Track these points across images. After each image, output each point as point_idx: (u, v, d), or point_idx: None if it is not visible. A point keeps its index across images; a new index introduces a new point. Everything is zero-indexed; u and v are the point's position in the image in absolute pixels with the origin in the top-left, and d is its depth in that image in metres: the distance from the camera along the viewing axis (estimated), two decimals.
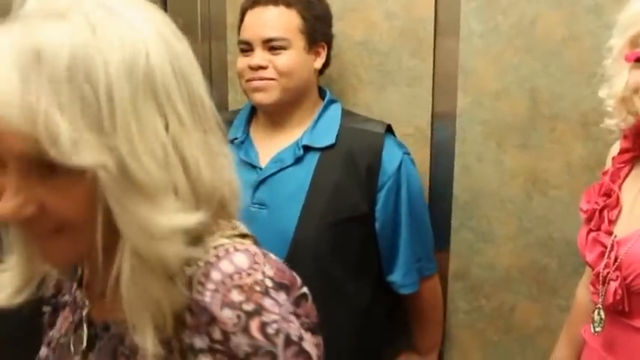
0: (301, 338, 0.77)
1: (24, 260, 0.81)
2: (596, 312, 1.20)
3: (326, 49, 1.65)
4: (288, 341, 0.75)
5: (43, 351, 0.93)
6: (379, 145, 1.59)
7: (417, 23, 1.74)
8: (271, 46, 1.57)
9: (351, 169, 1.57)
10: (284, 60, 1.57)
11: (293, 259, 1.52)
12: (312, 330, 0.81)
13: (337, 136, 1.60)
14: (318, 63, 1.64)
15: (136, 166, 0.67)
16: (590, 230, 1.23)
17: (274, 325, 0.74)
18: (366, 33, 1.79)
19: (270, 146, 1.65)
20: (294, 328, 0.77)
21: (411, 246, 1.63)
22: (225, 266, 0.75)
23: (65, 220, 0.70)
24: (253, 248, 0.79)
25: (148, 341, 0.72)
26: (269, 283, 0.75)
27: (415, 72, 1.75)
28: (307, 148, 1.60)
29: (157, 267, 0.71)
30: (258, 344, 0.73)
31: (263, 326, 0.73)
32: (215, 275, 0.74)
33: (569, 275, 1.62)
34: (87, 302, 0.86)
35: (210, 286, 0.73)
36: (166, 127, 0.70)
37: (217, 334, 0.73)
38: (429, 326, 1.78)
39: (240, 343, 0.73)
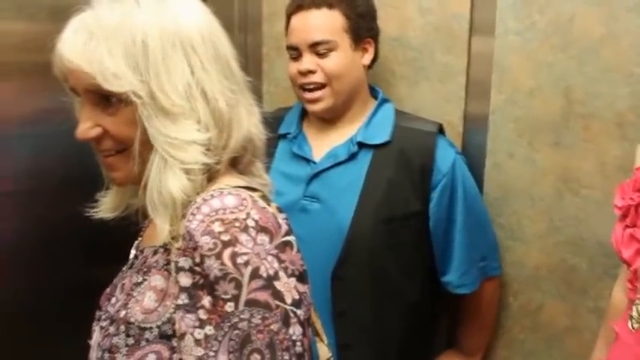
0: (274, 277, 0.88)
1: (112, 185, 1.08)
2: (634, 308, 1.19)
3: (373, 44, 1.67)
4: (255, 274, 0.87)
5: (114, 280, 1.11)
6: (432, 144, 1.60)
7: (452, 19, 1.74)
8: (317, 50, 1.60)
9: (404, 167, 1.59)
10: (331, 62, 1.60)
11: (348, 253, 1.58)
12: (297, 277, 0.92)
13: (391, 134, 1.61)
14: (367, 59, 1.67)
15: (162, 95, 0.92)
16: (627, 227, 1.21)
17: (244, 257, 0.87)
18: (400, 28, 1.80)
19: (324, 142, 1.68)
20: (268, 266, 0.88)
21: (469, 246, 1.63)
22: (215, 203, 0.91)
23: (120, 140, 0.95)
24: (246, 194, 0.94)
25: (164, 228, 0.92)
26: (250, 223, 0.90)
27: (449, 68, 1.76)
28: (361, 145, 1.62)
29: (176, 168, 0.93)
30: (227, 270, 0.86)
31: (234, 255, 0.87)
32: (204, 209, 0.90)
33: (599, 277, 1.61)
34: (141, 233, 1.12)
35: (199, 217, 0.90)
36: (192, 72, 0.94)
37: (197, 258, 0.87)
38: (481, 328, 1.77)
39: (212, 266, 0.86)
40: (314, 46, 1.60)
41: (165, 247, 0.96)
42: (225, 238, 0.87)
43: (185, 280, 0.88)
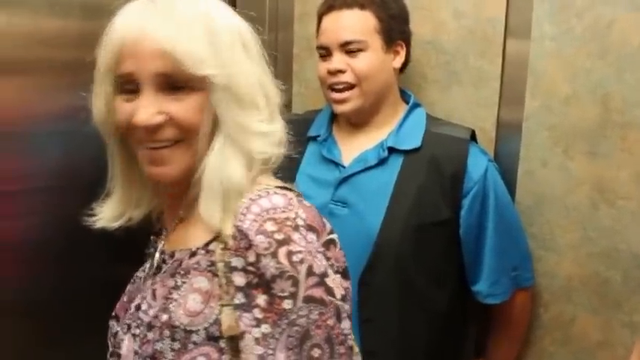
0: (325, 274, 0.91)
1: (124, 190, 1.07)
2: None
3: (405, 47, 1.65)
4: (310, 272, 0.90)
5: (127, 289, 1.12)
6: (464, 151, 1.57)
7: (487, 23, 1.71)
8: (348, 49, 1.58)
9: (435, 174, 1.56)
10: (362, 62, 1.58)
11: (376, 260, 1.56)
12: (341, 273, 0.96)
13: (422, 140, 1.59)
14: (398, 62, 1.64)
15: (236, 83, 0.94)
16: None
17: (299, 255, 0.89)
18: (433, 32, 1.77)
19: (353, 146, 1.66)
20: (319, 263, 0.91)
21: (500, 254, 1.60)
22: (264, 203, 0.93)
23: (186, 127, 0.94)
24: (291, 194, 0.97)
25: (215, 216, 0.92)
26: (300, 222, 0.92)
27: (482, 73, 1.72)
28: (391, 150, 1.60)
29: (242, 158, 0.95)
30: (284, 268, 0.88)
31: (289, 254, 0.88)
32: (254, 209, 0.92)
33: (633, 290, 1.57)
34: (163, 236, 1.10)
35: (250, 216, 0.91)
36: (251, 65, 0.98)
37: (251, 257, 0.89)
38: (511, 339, 1.73)
39: (268, 265, 0.88)
40: (344, 46, 1.58)
41: (206, 249, 0.95)
42: (280, 237, 0.89)
43: (239, 279, 0.90)
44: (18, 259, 1.40)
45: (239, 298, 0.90)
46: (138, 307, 1.02)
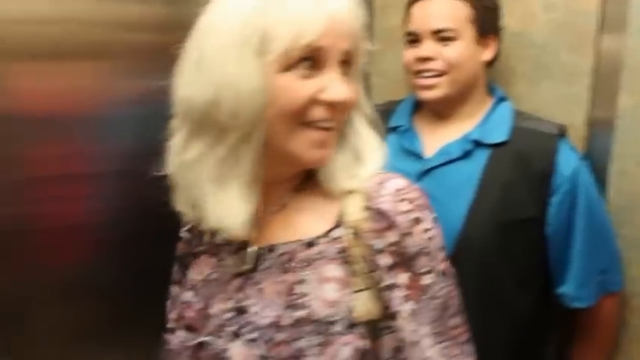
0: (444, 247, 0.97)
1: (250, 186, 0.93)
2: None
3: (496, 41, 1.60)
4: (439, 246, 0.95)
5: (187, 295, 1.03)
6: (553, 147, 1.52)
7: (579, 16, 1.64)
8: (440, 37, 1.54)
9: (522, 169, 1.51)
10: (453, 51, 1.54)
11: (457, 256, 1.46)
12: (444, 248, 0.99)
13: (509, 134, 1.54)
14: (487, 55, 1.60)
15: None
16: None
17: (431, 232, 0.94)
18: (522, 24, 1.71)
19: (435, 138, 1.62)
20: (439, 238, 0.96)
21: (588, 256, 1.53)
22: (392, 184, 0.95)
23: (351, 108, 0.95)
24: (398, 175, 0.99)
25: (341, 183, 0.95)
26: (422, 201, 0.96)
27: (573, 68, 1.65)
28: (476, 144, 1.55)
29: (372, 135, 0.99)
30: (422, 245, 0.92)
31: (424, 231, 0.93)
32: (386, 190, 0.94)
33: None
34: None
35: (387, 197, 0.93)
36: None
37: (392, 237, 0.91)
38: (597, 347, 1.65)
39: (409, 244, 0.91)
40: (436, 33, 1.54)
41: (330, 236, 0.94)
42: (414, 215, 0.93)
43: (384, 260, 0.91)
44: (91, 241, 1.41)
45: (386, 280, 0.91)
46: (241, 311, 0.95)
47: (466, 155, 1.56)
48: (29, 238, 1.34)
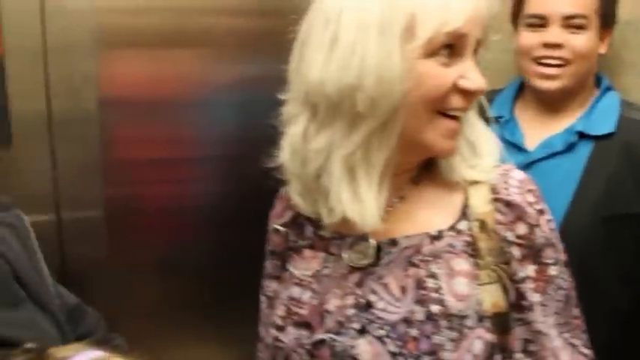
0: (559, 238, 0.96)
1: (383, 182, 0.90)
2: None
3: (610, 34, 1.54)
4: (559, 237, 0.95)
5: (294, 291, 0.99)
6: None
7: None
8: (570, 23, 1.48)
9: (628, 162, 1.45)
10: (582, 40, 1.48)
11: None
12: None
13: (616, 125, 1.47)
14: (603, 48, 1.54)
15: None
16: None
17: (552, 223, 0.94)
18: (633, 11, 1.61)
19: (538, 129, 1.56)
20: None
21: None
22: (515, 175, 0.94)
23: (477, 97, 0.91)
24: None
25: (463, 174, 0.94)
26: (540, 192, 0.94)
27: None
28: (581, 136, 1.49)
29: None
30: (548, 236, 0.92)
31: (549, 222, 0.93)
32: (513, 182, 0.93)
33: None
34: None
35: (514, 189, 0.92)
36: None
37: (521, 229, 0.91)
38: None
39: (538, 235, 0.91)
40: (567, 19, 1.47)
41: (456, 229, 0.92)
42: (539, 207, 0.92)
43: (516, 252, 0.91)
44: (195, 223, 1.45)
45: (521, 272, 0.91)
46: (366, 306, 0.92)
47: (570, 148, 1.50)
48: (136, 218, 1.40)
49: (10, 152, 1.20)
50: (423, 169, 0.97)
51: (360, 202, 0.88)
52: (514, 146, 1.55)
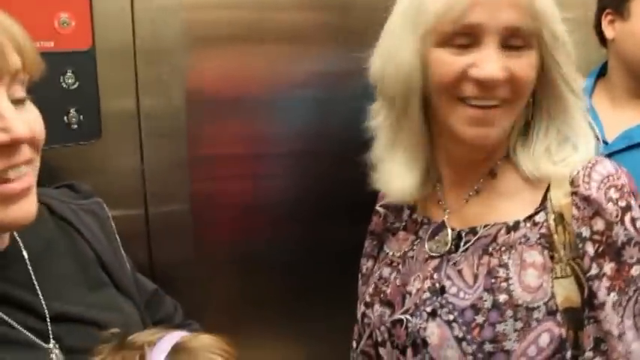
0: None
1: (409, 160, 1.00)
2: None
3: None
4: None
5: (385, 271, 1.06)
6: None
7: None
8: None
9: None
10: None
11: None
12: None
13: None
14: None
15: (560, 34, 0.92)
16: None
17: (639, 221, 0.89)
18: None
19: (617, 120, 1.56)
20: None
21: None
22: (601, 169, 0.92)
23: (520, 88, 0.91)
24: (607, 159, 0.95)
25: (543, 168, 0.93)
26: (629, 188, 0.91)
27: None
28: None
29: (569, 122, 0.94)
30: (631, 235, 0.88)
31: (634, 221, 0.89)
32: (595, 176, 0.90)
33: None
34: (446, 211, 1.03)
35: (594, 184, 0.89)
36: None
37: (599, 225, 0.88)
38: None
39: (619, 232, 0.88)
40: None
41: (533, 221, 0.92)
42: (623, 203, 0.90)
43: (590, 249, 0.88)
44: (277, 219, 1.46)
45: (593, 269, 0.88)
46: (441, 291, 0.96)
47: None
48: (221, 213, 1.42)
49: (99, 147, 1.23)
50: (505, 162, 1.00)
51: (390, 174, 1.01)
52: None
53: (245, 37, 1.36)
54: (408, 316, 0.97)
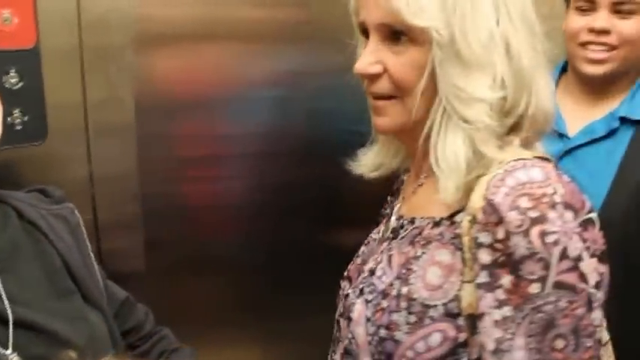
0: (579, 258, 0.82)
1: (384, 140, 1.06)
2: None
3: None
4: (564, 255, 0.81)
5: (360, 250, 1.11)
6: None
7: None
8: (619, 9, 1.46)
9: None
10: (631, 26, 1.46)
11: None
12: (598, 257, 0.85)
13: None
14: None
15: (462, 41, 0.86)
16: None
17: (554, 236, 0.81)
18: None
19: (580, 115, 1.55)
20: (574, 246, 0.82)
21: None
22: (521, 175, 0.84)
23: (397, 83, 0.90)
24: (550, 167, 0.87)
25: (448, 194, 0.87)
26: (557, 199, 0.83)
27: None
28: (623, 121, 1.48)
29: (460, 125, 0.87)
30: (535, 249, 0.80)
31: (543, 234, 0.80)
32: (509, 181, 0.84)
33: None
34: (401, 198, 1.06)
35: (504, 189, 0.83)
36: (497, 21, 0.87)
37: (500, 234, 0.82)
38: None
39: (518, 244, 0.80)
40: (616, 5, 1.46)
41: (452, 220, 0.90)
42: (534, 214, 0.81)
43: (485, 257, 0.83)
44: (230, 220, 1.44)
45: (483, 277, 0.84)
46: (372, 272, 0.99)
47: (611, 134, 1.49)
48: (162, 217, 1.38)
49: (46, 148, 1.19)
50: None
51: (367, 156, 1.07)
52: (555, 133, 1.50)
53: (199, 35, 1.33)
54: (350, 292, 1.02)
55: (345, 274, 1.09)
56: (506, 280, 0.82)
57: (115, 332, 1.02)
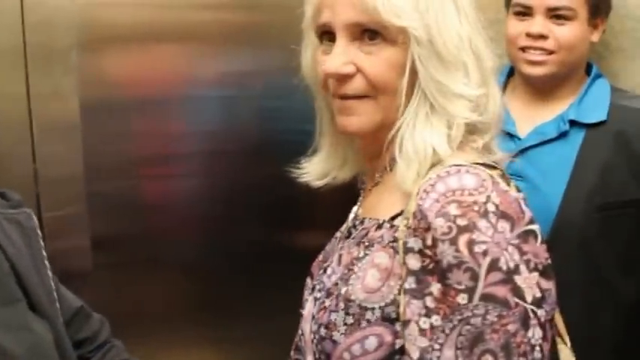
0: (514, 271, 0.77)
1: (331, 148, 1.03)
2: None
3: (604, 22, 1.54)
4: (494, 266, 0.77)
5: (326, 246, 1.09)
6: None
7: None
8: (555, 14, 1.47)
9: (622, 150, 1.45)
10: (567, 32, 1.47)
11: (555, 241, 1.37)
12: (540, 271, 0.80)
13: (607, 113, 1.47)
14: (596, 36, 1.54)
15: (439, 39, 0.87)
16: None
17: (483, 246, 0.77)
18: None
19: (529, 117, 1.55)
20: (508, 257, 0.78)
21: None
22: (452, 181, 0.82)
23: (374, 83, 0.89)
24: (485, 174, 0.83)
25: (407, 183, 0.85)
26: (491, 207, 0.79)
27: None
28: (572, 124, 1.49)
29: (441, 118, 0.87)
30: (462, 258, 0.77)
31: (470, 243, 0.77)
32: (440, 187, 0.81)
33: None
34: (360, 199, 1.04)
35: (433, 195, 0.81)
36: (460, 23, 0.89)
37: (429, 240, 0.79)
38: None
39: (445, 251, 0.77)
40: (552, 10, 1.47)
41: (392, 223, 0.89)
42: (462, 222, 0.78)
43: (414, 262, 0.81)
44: (183, 220, 1.42)
45: (410, 283, 0.81)
46: (324, 270, 0.98)
47: (561, 136, 1.50)
48: (108, 216, 1.37)
49: None
50: None
51: (312, 164, 1.03)
52: (506, 134, 1.52)
53: (145, 36, 1.34)
54: (309, 287, 1.03)
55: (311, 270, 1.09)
56: (435, 288, 0.79)
57: (65, 342, 0.98)
